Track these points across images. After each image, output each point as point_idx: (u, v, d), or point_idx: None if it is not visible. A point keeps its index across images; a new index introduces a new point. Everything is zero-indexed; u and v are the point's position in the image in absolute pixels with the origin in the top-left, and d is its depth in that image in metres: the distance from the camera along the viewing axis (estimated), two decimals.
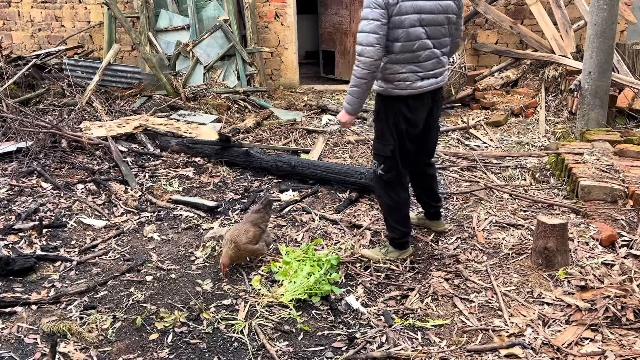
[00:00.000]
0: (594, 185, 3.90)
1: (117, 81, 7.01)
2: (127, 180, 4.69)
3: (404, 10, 2.89)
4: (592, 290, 2.83)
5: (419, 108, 3.14)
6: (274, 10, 7.95)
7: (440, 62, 3.13)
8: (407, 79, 3.03)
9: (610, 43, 5.05)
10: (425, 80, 3.08)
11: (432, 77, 3.10)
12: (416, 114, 3.14)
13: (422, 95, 3.11)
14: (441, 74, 3.18)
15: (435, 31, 3.02)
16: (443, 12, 3.02)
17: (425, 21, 2.96)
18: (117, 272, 3.32)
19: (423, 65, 3.04)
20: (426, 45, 3.02)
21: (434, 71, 3.11)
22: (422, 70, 3.05)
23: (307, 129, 6.09)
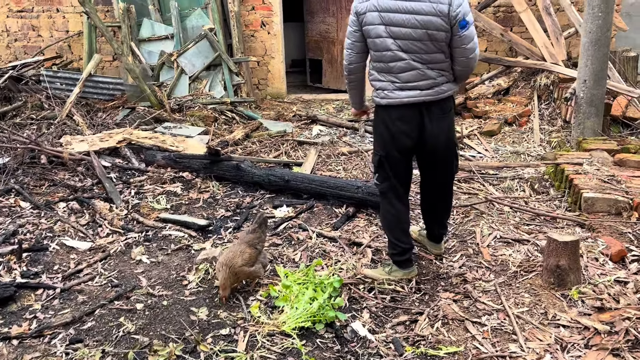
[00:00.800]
0: (598, 197, 3.80)
1: (99, 93, 6.77)
2: (112, 197, 4.47)
3: (370, 21, 2.86)
4: (609, 312, 2.71)
5: (400, 121, 2.98)
6: (260, 18, 7.79)
7: (424, 74, 2.90)
8: (384, 87, 2.96)
9: (605, 51, 4.98)
10: (405, 92, 2.92)
11: (414, 88, 2.92)
12: (398, 126, 2.99)
13: (404, 107, 2.95)
14: (429, 87, 2.93)
15: (411, 45, 2.84)
16: (421, 27, 2.80)
17: (395, 34, 2.84)
18: (104, 299, 3.11)
19: (399, 76, 2.91)
20: (398, 57, 2.88)
21: (416, 83, 2.91)
22: (399, 81, 2.92)
23: (298, 140, 5.93)
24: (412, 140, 3.02)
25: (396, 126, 2.99)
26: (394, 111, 2.98)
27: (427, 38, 2.83)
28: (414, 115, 2.97)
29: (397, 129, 2.99)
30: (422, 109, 2.96)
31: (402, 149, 3.05)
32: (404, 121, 2.98)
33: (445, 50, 2.90)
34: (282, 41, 7.97)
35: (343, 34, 8.27)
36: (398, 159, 3.08)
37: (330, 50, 8.56)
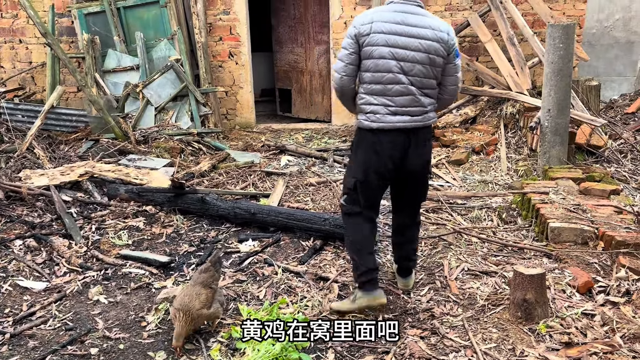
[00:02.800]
0: (564, 227, 3.80)
1: (62, 125, 6.60)
2: (72, 233, 4.30)
3: (374, 42, 2.91)
4: (577, 347, 2.66)
5: (388, 145, 3.00)
6: (228, 49, 7.78)
7: (417, 101, 2.98)
8: (377, 111, 2.98)
9: (568, 81, 5.07)
10: (397, 116, 2.97)
11: (405, 114, 2.98)
12: (385, 150, 3.01)
13: (393, 132, 2.98)
14: (419, 113, 3.00)
15: (413, 68, 2.92)
16: (424, 51, 2.91)
17: (399, 55, 2.91)
18: (57, 344, 2.94)
19: (395, 100, 2.96)
20: (398, 80, 2.94)
21: (408, 108, 2.97)
22: (394, 105, 2.97)
23: (265, 171, 5.86)
24: (395, 165, 3.04)
25: (383, 151, 3.00)
26: (382, 135, 2.99)
27: (429, 62, 2.93)
28: (400, 142, 3.01)
29: (384, 153, 3.01)
30: (410, 134, 3.01)
31: (384, 173, 3.06)
32: (390, 147, 3.00)
33: (438, 77, 3.02)
34: (251, 71, 7.96)
35: (312, 63, 8.31)
36: (375, 184, 3.09)
37: (300, 80, 8.58)
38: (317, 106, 8.49)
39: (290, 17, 8.36)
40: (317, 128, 7.92)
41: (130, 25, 7.44)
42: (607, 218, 3.91)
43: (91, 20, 7.39)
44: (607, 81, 8.61)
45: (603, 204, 4.18)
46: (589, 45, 8.51)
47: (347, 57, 2.97)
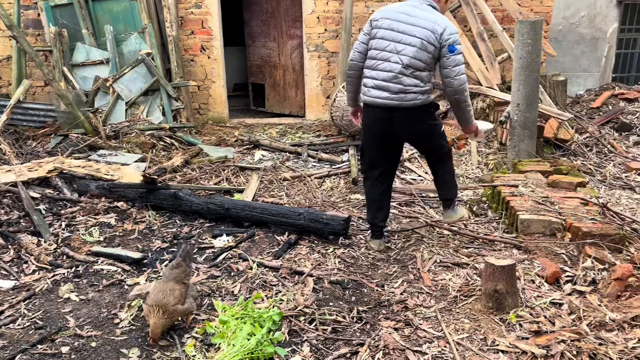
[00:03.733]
0: (533, 219, 3.89)
1: (29, 120, 6.45)
2: (40, 231, 4.22)
3: (380, 25, 3.51)
4: (546, 335, 2.74)
5: (373, 119, 3.66)
6: (200, 43, 7.70)
7: (398, 79, 3.45)
8: (366, 84, 3.60)
9: (536, 76, 5.18)
10: (377, 91, 3.51)
11: (385, 89, 3.49)
12: (370, 124, 3.70)
13: (375, 109, 3.57)
14: (399, 92, 3.47)
15: (404, 48, 3.43)
16: (418, 36, 3.40)
17: (395, 38, 3.45)
18: (27, 343, 2.89)
19: (379, 74, 3.50)
20: (387, 57, 3.48)
21: (388, 84, 3.47)
22: (377, 78, 3.51)
23: (239, 166, 5.83)
24: (379, 139, 3.72)
25: (368, 124, 3.72)
26: (368, 108, 3.66)
27: (420, 46, 3.40)
28: (383, 119, 3.60)
29: (369, 126, 3.73)
30: (390, 113, 3.55)
31: (378, 146, 3.75)
32: (374, 122, 3.67)
33: (429, 62, 3.45)
34: (223, 65, 7.89)
35: (285, 58, 8.29)
36: (373, 153, 3.81)
37: (273, 74, 8.54)
38: (290, 101, 8.47)
39: (262, 11, 8.31)
40: (290, 123, 7.91)
41: (100, 18, 7.29)
42: (573, 210, 4.01)
43: (58, 13, 7.21)
44: (573, 77, 8.81)
45: (570, 196, 4.29)
46: (555, 41, 8.69)
47: (362, 37, 3.61)
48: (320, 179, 5.51)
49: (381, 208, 3.88)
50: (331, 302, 3.26)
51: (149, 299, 2.86)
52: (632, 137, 6.51)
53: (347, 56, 7.22)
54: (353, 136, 6.58)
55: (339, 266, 3.71)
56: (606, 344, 2.62)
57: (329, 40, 7.77)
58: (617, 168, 5.66)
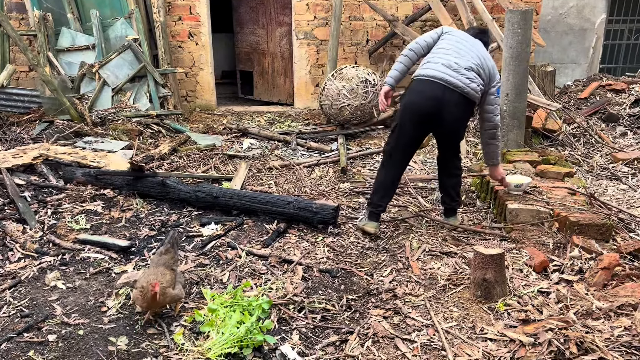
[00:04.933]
0: (521, 208, 3.91)
1: (13, 106, 6.34)
2: (25, 218, 4.16)
3: (452, 34, 3.88)
4: (533, 323, 2.76)
5: (423, 97, 3.72)
6: (187, 29, 7.60)
7: (466, 69, 3.66)
8: (432, 60, 3.75)
9: (525, 65, 5.18)
10: (446, 68, 3.67)
11: (454, 70, 3.65)
12: (418, 102, 3.74)
13: (433, 84, 3.66)
14: (466, 78, 3.65)
15: (470, 55, 3.72)
16: (477, 62, 3.70)
17: (464, 47, 3.76)
18: (12, 332, 2.85)
19: (450, 58, 3.70)
20: (459, 52, 3.72)
21: (459, 67, 3.65)
22: (450, 60, 3.68)
23: (227, 154, 5.79)
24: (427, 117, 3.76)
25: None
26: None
27: (478, 66, 3.71)
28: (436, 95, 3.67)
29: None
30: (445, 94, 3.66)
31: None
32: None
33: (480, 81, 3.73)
34: (211, 52, 7.81)
35: (274, 45, 8.22)
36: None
37: (261, 62, 8.47)
38: (279, 89, 8.42)
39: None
40: (279, 111, 7.86)
41: (85, 3, 7.16)
42: (561, 199, 4.04)
43: None
44: (561, 67, 8.85)
45: (558, 186, 4.31)
46: (544, 31, 8.71)
47: (433, 35, 3.88)
48: (310, 168, 5.49)
49: (390, 193, 3.97)
50: (320, 290, 3.26)
51: (139, 284, 2.83)
52: (619, 128, 6.57)
53: (337, 44, 7.20)
54: (342, 125, 6.56)
55: (328, 255, 3.70)
56: (593, 332, 2.64)
57: (319, 27, 7.71)
58: (604, 158, 5.71)
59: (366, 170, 5.42)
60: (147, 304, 2.81)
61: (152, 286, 2.75)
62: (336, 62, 7.19)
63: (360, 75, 6.31)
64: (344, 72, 6.44)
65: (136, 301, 2.85)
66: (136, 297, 2.83)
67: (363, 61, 7.82)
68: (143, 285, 2.82)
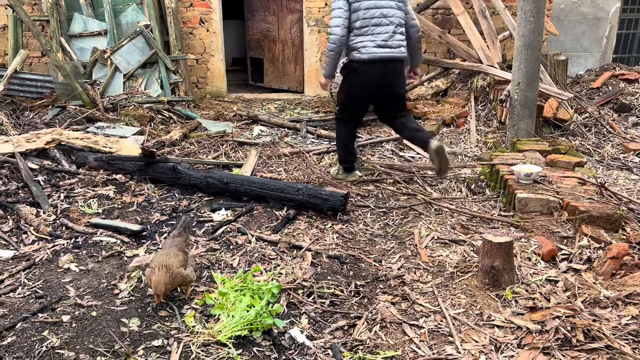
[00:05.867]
0: (531, 197, 3.91)
1: (26, 91, 6.40)
2: (39, 202, 4.23)
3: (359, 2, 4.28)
4: (541, 311, 2.77)
5: (368, 76, 4.41)
6: (199, 15, 7.61)
7: (393, 37, 4.31)
8: (365, 45, 4.30)
9: (537, 54, 5.15)
10: (380, 48, 4.29)
11: (386, 47, 4.31)
12: (364, 81, 4.45)
13: (375, 64, 4.32)
14: (398, 46, 4.37)
15: (387, 11, 4.28)
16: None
17: (378, 5, 4.26)
18: (27, 312, 2.91)
19: (376, 36, 4.29)
20: (378, 22, 4.27)
21: (388, 42, 4.31)
22: (377, 40, 4.28)
23: (238, 141, 5.82)
24: (375, 90, 4.45)
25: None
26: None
27: (397, 7, 4.33)
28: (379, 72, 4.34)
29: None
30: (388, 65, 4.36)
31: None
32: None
33: (404, 18, 4.44)
34: (222, 39, 7.82)
35: (284, 32, 8.21)
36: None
37: (272, 49, 8.47)
38: (289, 76, 8.42)
39: None
40: (289, 98, 7.87)
41: None
42: (571, 189, 4.03)
43: None
44: (574, 56, 8.77)
45: (568, 176, 4.30)
46: (557, 20, 8.62)
47: (343, 13, 4.24)
48: (319, 155, 5.51)
49: (354, 147, 4.81)
50: (329, 276, 3.29)
51: (153, 263, 2.88)
52: (631, 118, 6.52)
53: None
54: None
55: (337, 241, 3.73)
56: (600, 321, 2.66)
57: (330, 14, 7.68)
58: (616, 149, 5.68)
59: (376, 158, 5.43)
60: (157, 282, 2.84)
61: (156, 297, 2.84)
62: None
63: None
64: None
65: (148, 281, 2.90)
66: (149, 274, 2.87)
67: None
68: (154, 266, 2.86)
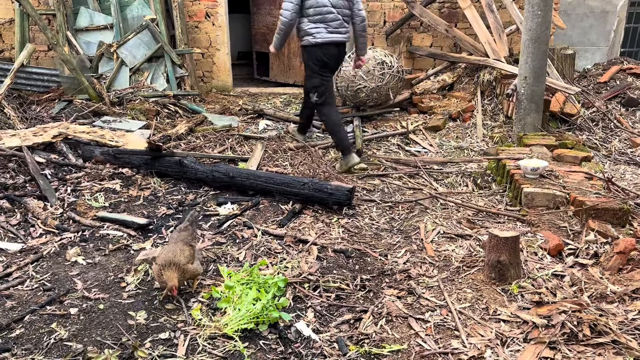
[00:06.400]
0: (537, 192, 3.90)
1: (33, 84, 6.42)
2: (46, 195, 4.25)
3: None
4: (547, 306, 2.77)
5: (328, 55, 4.99)
6: (204, 9, 7.60)
7: (342, 25, 4.91)
8: (320, 31, 4.86)
9: (544, 48, 5.12)
10: (333, 34, 4.88)
11: (338, 33, 4.91)
12: (326, 59, 5.01)
13: (331, 46, 4.94)
14: (345, 32, 4.98)
15: (336, 2, 4.82)
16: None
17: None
18: (35, 304, 2.93)
19: (329, 23, 4.85)
20: (328, 11, 4.81)
21: (339, 29, 4.90)
22: (330, 26, 4.86)
23: (243, 135, 5.82)
24: (335, 65, 5.13)
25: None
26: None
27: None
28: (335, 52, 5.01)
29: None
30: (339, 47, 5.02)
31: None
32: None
33: (350, 8, 4.96)
34: (228, 33, 7.80)
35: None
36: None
37: None
38: (295, 70, 8.40)
39: None
40: (295, 93, 7.85)
41: None
42: (578, 184, 4.02)
43: None
44: (581, 50, 8.70)
45: (575, 171, 4.29)
46: (564, 14, 8.55)
47: (295, 1, 4.76)
48: (325, 150, 5.51)
49: (344, 129, 5.26)
50: (335, 270, 3.30)
51: (160, 259, 2.89)
52: (639, 113, 6.48)
53: None
54: (358, 107, 6.54)
55: (343, 235, 3.74)
56: (606, 315, 2.65)
57: None
58: (623, 143, 5.65)
59: (382, 153, 5.43)
60: (170, 278, 2.86)
61: (174, 291, 2.85)
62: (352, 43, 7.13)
63: (377, 57, 6.28)
64: None
65: (156, 277, 2.92)
66: (157, 272, 2.89)
67: (380, 43, 7.76)
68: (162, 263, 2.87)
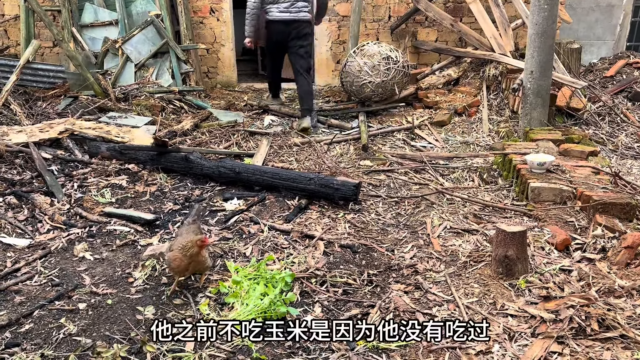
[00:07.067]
0: (544, 187, 3.89)
1: (38, 81, 6.43)
2: (53, 191, 4.26)
3: None
4: (554, 300, 2.77)
5: (276, 33, 5.78)
6: (209, 4, 7.59)
7: (294, 5, 5.63)
8: (272, 12, 5.72)
9: (551, 42, 5.09)
10: (282, 13, 5.66)
11: (287, 12, 5.64)
12: (274, 38, 5.82)
13: (279, 24, 5.70)
14: (297, 12, 5.68)
15: None
16: None
17: None
18: (44, 300, 2.95)
19: (280, 5, 5.64)
20: None
21: (290, 9, 5.64)
22: (280, 7, 5.66)
23: (249, 130, 5.83)
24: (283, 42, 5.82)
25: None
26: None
27: None
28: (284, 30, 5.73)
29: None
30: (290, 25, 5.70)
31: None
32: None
33: None
34: (233, 28, 7.80)
35: None
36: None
37: None
38: None
39: None
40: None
41: None
42: (585, 178, 4.01)
43: None
44: (587, 45, 8.65)
45: (581, 165, 4.28)
46: (570, 8, 8.51)
47: None
48: (330, 145, 5.51)
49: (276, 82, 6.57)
50: (342, 265, 3.30)
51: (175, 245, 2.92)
52: None
53: (358, 20, 7.14)
54: (363, 102, 6.53)
55: (349, 231, 3.74)
56: (614, 310, 2.65)
57: (340, 3, 7.65)
58: (630, 138, 5.62)
59: (387, 148, 5.42)
60: (188, 261, 2.88)
61: (200, 241, 2.87)
62: (358, 38, 7.14)
63: (382, 52, 6.26)
64: (366, 48, 6.39)
65: (168, 264, 2.92)
66: (174, 257, 2.88)
67: (385, 38, 7.74)
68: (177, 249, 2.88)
